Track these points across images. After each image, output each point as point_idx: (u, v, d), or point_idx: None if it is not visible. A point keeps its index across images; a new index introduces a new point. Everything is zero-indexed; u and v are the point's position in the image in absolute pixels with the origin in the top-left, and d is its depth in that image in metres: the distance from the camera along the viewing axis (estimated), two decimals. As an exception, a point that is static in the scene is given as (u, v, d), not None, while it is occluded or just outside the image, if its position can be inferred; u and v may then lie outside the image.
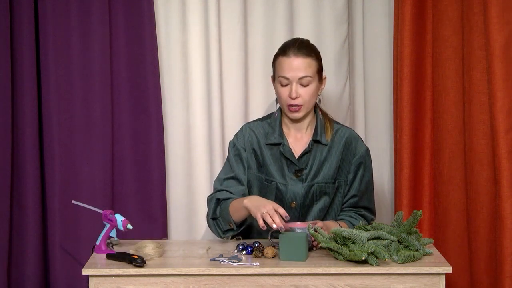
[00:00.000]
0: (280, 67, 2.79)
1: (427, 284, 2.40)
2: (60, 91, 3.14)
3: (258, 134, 2.87)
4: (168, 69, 3.29)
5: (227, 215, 2.71)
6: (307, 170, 2.82)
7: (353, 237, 2.44)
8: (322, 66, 2.85)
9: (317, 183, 2.82)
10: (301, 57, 2.76)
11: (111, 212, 2.62)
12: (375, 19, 3.39)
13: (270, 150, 2.85)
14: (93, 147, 3.17)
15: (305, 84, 2.76)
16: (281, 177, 2.83)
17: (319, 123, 2.85)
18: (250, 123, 2.94)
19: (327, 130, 2.85)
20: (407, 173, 3.12)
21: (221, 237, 2.79)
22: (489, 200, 2.86)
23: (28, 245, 3.10)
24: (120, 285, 2.41)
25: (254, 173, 2.86)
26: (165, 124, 3.26)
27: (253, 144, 2.87)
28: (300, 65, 2.76)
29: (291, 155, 2.82)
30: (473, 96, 2.89)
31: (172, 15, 3.28)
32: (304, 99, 2.77)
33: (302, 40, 2.84)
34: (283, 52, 2.79)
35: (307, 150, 2.82)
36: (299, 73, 2.75)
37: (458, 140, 3.01)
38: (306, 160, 2.83)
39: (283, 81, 2.78)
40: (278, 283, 2.41)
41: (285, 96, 2.78)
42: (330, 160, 2.83)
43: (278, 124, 2.86)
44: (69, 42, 3.13)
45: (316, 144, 2.84)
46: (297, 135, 2.87)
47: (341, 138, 2.85)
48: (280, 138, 2.84)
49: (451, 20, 3.02)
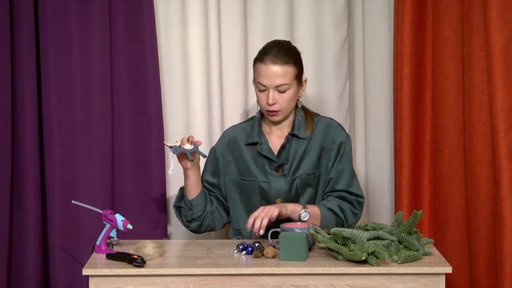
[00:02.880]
0: (257, 73, 2.81)
1: (427, 284, 2.40)
2: (60, 91, 3.13)
3: (239, 137, 2.91)
4: (168, 69, 3.29)
5: (186, 201, 2.82)
6: (288, 165, 2.84)
7: (353, 237, 2.44)
8: (302, 69, 2.85)
9: (299, 176, 2.83)
10: (278, 64, 2.77)
11: (111, 212, 2.62)
12: (375, 19, 3.39)
13: (251, 151, 2.88)
14: (93, 147, 3.16)
15: (282, 91, 2.78)
16: (263, 176, 2.85)
17: (296, 119, 2.86)
18: (231, 128, 3.00)
19: (307, 125, 2.87)
20: (407, 173, 3.12)
21: (187, 227, 2.89)
22: (489, 200, 2.86)
23: (28, 245, 3.10)
24: (120, 285, 2.41)
25: (233, 177, 2.89)
26: (165, 124, 3.26)
27: (233, 148, 2.91)
28: (277, 73, 2.77)
29: (269, 152, 2.85)
30: (473, 96, 2.89)
31: (172, 15, 3.27)
32: (281, 105, 2.80)
33: (281, 45, 2.84)
34: (261, 58, 2.80)
35: (284, 144, 2.85)
36: (276, 80, 2.77)
37: (458, 140, 3.01)
38: (286, 155, 2.85)
39: (260, 87, 2.81)
40: (278, 283, 2.41)
41: (263, 101, 2.81)
42: (311, 152, 2.85)
43: (257, 124, 2.89)
44: (69, 42, 3.13)
45: (295, 138, 2.85)
46: (278, 133, 2.90)
47: (320, 129, 2.88)
48: (258, 138, 2.87)
49: (451, 20, 3.02)
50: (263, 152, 2.85)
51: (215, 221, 2.89)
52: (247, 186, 2.86)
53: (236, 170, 2.89)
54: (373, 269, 2.39)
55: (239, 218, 2.89)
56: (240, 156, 2.89)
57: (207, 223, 2.87)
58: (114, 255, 2.51)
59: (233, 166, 2.89)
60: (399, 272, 2.40)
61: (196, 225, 2.86)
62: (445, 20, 3.03)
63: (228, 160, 2.90)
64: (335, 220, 2.77)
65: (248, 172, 2.87)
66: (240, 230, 2.88)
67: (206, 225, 2.88)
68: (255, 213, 2.63)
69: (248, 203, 2.87)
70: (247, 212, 2.83)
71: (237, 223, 2.90)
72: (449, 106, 3.04)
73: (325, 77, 3.35)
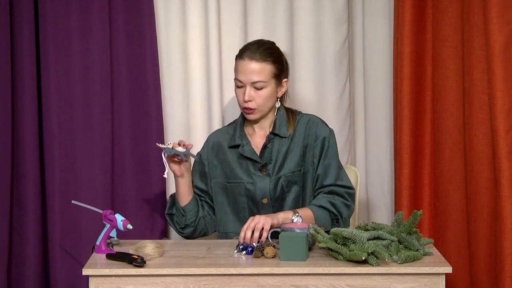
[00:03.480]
0: (236, 69, 2.84)
1: (427, 284, 2.40)
2: (60, 91, 3.13)
3: (223, 140, 2.93)
4: (168, 69, 3.29)
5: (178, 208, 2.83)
6: (271, 164, 2.85)
7: (353, 237, 2.44)
8: (283, 69, 2.86)
9: (284, 175, 2.84)
10: (255, 61, 2.78)
11: (111, 212, 2.62)
12: (375, 19, 3.39)
13: (235, 153, 2.89)
14: (93, 147, 3.16)
15: (258, 88, 2.80)
16: (247, 177, 2.85)
17: (278, 117, 2.87)
18: (215, 132, 3.02)
19: (289, 123, 2.87)
20: (407, 173, 3.12)
21: (180, 234, 2.90)
22: (489, 200, 2.86)
23: (28, 245, 3.10)
24: (120, 285, 2.41)
25: (219, 181, 2.90)
26: (165, 124, 3.26)
27: (218, 152, 2.92)
28: (254, 69, 2.78)
29: (252, 153, 2.85)
30: (473, 96, 2.89)
31: (172, 15, 3.27)
32: (257, 103, 2.81)
33: (262, 43, 2.86)
34: (240, 54, 2.83)
35: (265, 144, 2.86)
36: (252, 77, 2.78)
37: (458, 140, 3.01)
38: (269, 155, 2.86)
39: (237, 83, 2.83)
40: (278, 283, 2.41)
41: (240, 98, 2.83)
42: (294, 150, 2.85)
43: (239, 126, 2.91)
44: (69, 42, 3.13)
45: (277, 138, 2.86)
46: (260, 133, 2.91)
47: (302, 126, 2.88)
48: (239, 140, 2.88)
49: (451, 20, 3.02)
50: (245, 154, 2.86)
51: (207, 225, 2.91)
52: (233, 189, 2.87)
53: (222, 174, 2.90)
54: (373, 269, 2.39)
55: (227, 221, 2.90)
56: (224, 160, 2.90)
57: (200, 228, 2.89)
58: (114, 255, 2.51)
59: (219, 170, 2.90)
60: (399, 272, 2.40)
61: (190, 231, 2.88)
62: (445, 20, 3.03)
63: (213, 164, 2.92)
64: (329, 217, 2.77)
65: (233, 174, 2.88)
66: (227, 234, 2.89)
67: (199, 230, 2.90)
68: (245, 226, 2.60)
69: (235, 205, 2.88)
70: (235, 214, 2.86)
71: (224, 226, 2.90)
72: (449, 106, 3.04)
73: (325, 77, 3.35)
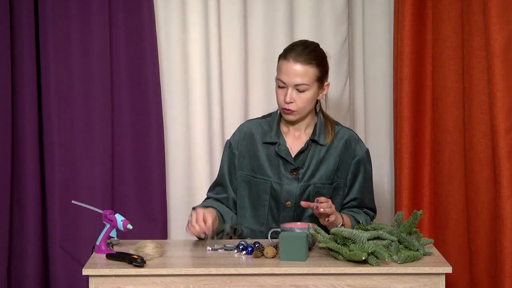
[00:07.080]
0: (279, 69, 2.79)
1: (427, 284, 2.40)
2: (60, 91, 3.14)
3: (256, 133, 2.87)
4: (168, 69, 3.29)
5: None
6: (303, 170, 2.82)
7: (353, 237, 2.44)
8: (326, 72, 2.83)
9: (314, 184, 2.81)
10: (300, 63, 2.74)
11: (111, 212, 2.62)
12: (375, 19, 3.39)
13: (267, 149, 2.85)
14: (93, 147, 3.17)
15: (301, 90, 2.76)
16: (276, 176, 2.82)
17: (318, 123, 2.85)
18: (249, 121, 2.95)
19: (327, 132, 2.84)
20: (407, 173, 3.12)
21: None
22: (489, 200, 2.86)
23: (28, 245, 3.10)
24: (120, 285, 2.41)
25: (244, 174, 2.85)
26: (165, 124, 3.27)
27: (248, 143, 2.87)
28: (298, 71, 2.75)
29: (286, 154, 2.82)
30: (473, 96, 2.89)
31: (172, 15, 3.28)
32: (298, 105, 2.77)
33: (307, 44, 2.81)
34: (284, 54, 2.79)
35: (303, 149, 2.82)
36: (296, 79, 2.75)
37: (458, 140, 3.01)
38: (303, 159, 2.82)
39: (279, 83, 2.78)
40: (278, 283, 2.41)
41: (281, 98, 2.79)
42: (328, 161, 2.83)
43: (276, 123, 2.86)
44: (69, 42, 3.14)
45: (314, 144, 2.84)
46: (295, 134, 2.86)
47: (341, 139, 2.85)
48: (276, 138, 2.84)
49: (451, 20, 3.02)
50: (281, 153, 2.82)
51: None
52: (258, 185, 2.84)
53: (249, 167, 2.85)
54: (373, 269, 2.39)
55: (243, 215, 2.86)
56: (254, 153, 2.85)
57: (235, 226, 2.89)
58: (114, 255, 2.51)
59: (246, 162, 2.86)
60: (399, 272, 2.40)
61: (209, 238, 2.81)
62: (445, 20, 3.03)
63: (242, 155, 2.87)
64: None
65: (260, 170, 2.84)
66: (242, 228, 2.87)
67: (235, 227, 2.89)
68: (323, 199, 2.62)
69: (256, 201, 2.84)
70: (253, 210, 2.83)
71: (240, 219, 2.88)
72: (449, 106, 3.04)
73: (325, 77, 3.35)
